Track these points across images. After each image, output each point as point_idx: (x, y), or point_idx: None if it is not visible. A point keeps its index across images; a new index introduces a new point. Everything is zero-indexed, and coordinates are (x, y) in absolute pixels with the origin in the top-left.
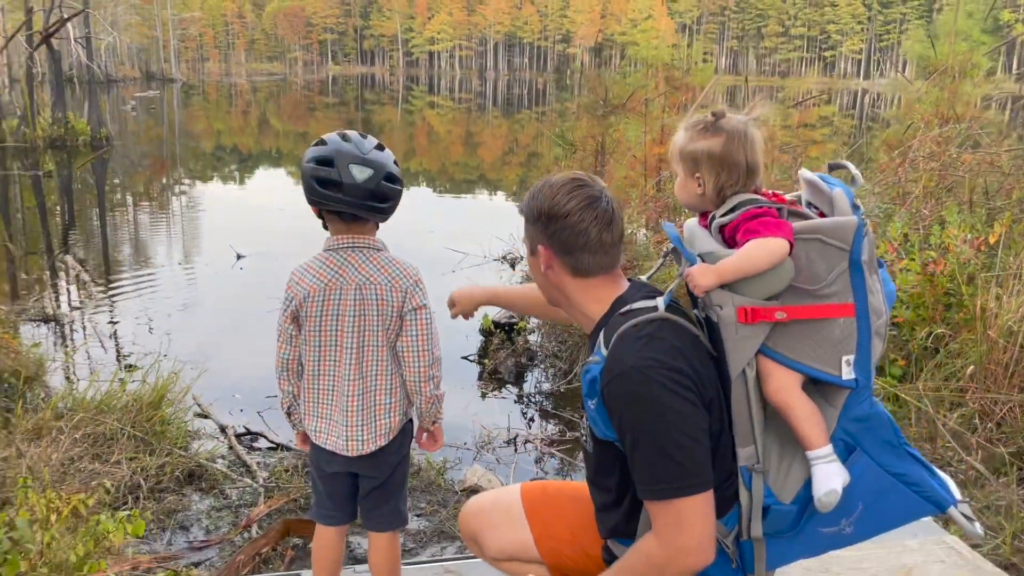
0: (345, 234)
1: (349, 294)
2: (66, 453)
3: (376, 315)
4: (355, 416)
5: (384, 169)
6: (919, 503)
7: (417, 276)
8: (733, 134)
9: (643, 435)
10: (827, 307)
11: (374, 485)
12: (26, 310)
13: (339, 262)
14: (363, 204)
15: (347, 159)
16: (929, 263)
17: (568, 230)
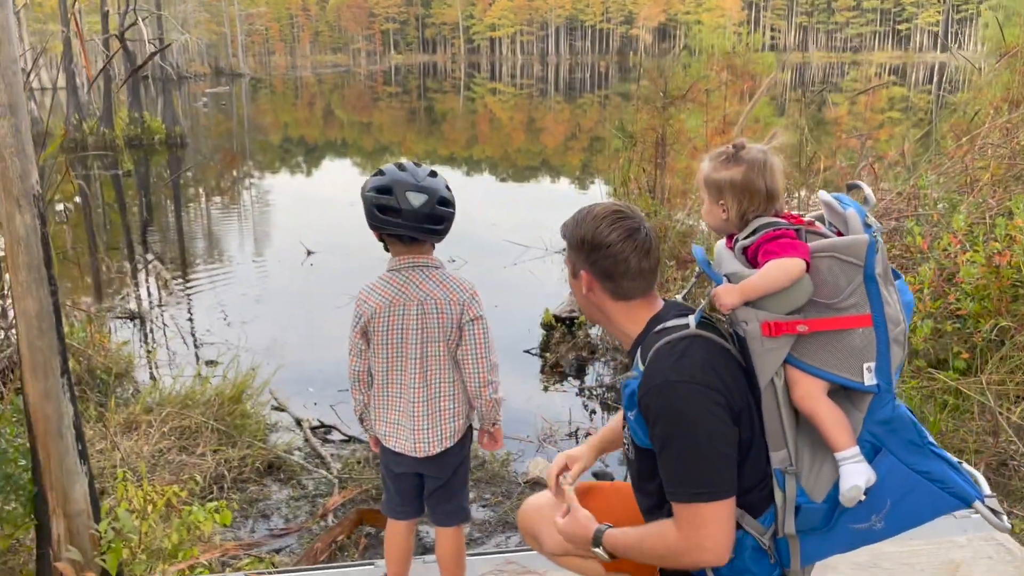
0: (405, 255)
1: (412, 309)
2: (156, 445)
3: (437, 327)
4: (421, 420)
5: (437, 194)
6: (945, 498)
7: (473, 290)
8: (753, 163)
9: (672, 443)
10: (846, 319)
11: (438, 484)
12: (112, 308)
13: (402, 281)
14: (420, 227)
15: (404, 187)
16: (995, 255)
17: (610, 259)
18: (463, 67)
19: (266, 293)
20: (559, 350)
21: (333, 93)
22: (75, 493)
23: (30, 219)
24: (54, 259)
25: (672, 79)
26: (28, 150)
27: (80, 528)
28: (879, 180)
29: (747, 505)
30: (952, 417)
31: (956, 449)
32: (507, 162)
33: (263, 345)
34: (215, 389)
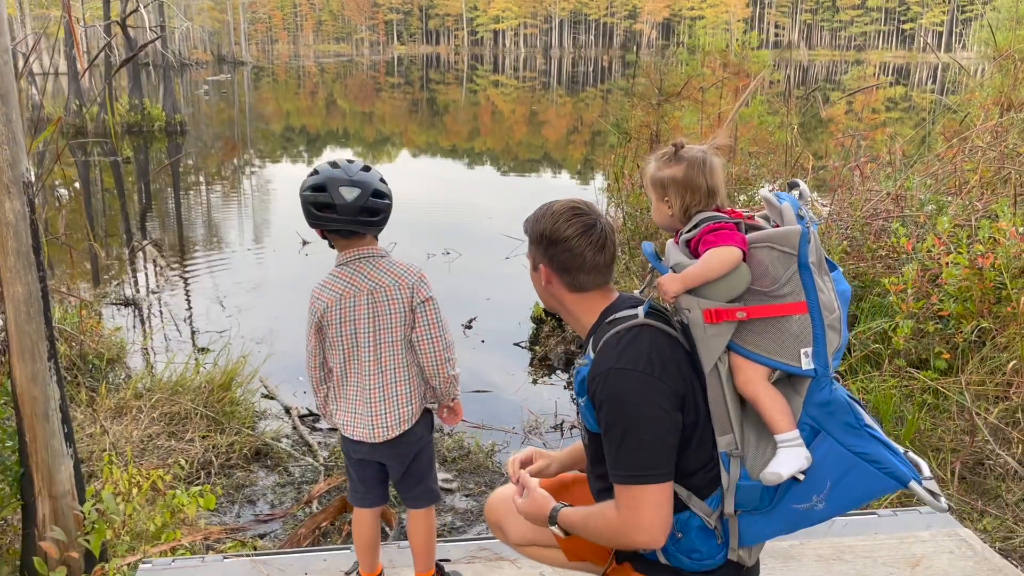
0: (349, 248)
1: (362, 299)
2: (145, 431)
3: (388, 314)
4: (378, 406)
5: (370, 187)
6: (882, 479)
7: (420, 273)
8: (693, 161)
9: (615, 427)
10: (782, 306)
11: (401, 471)
12: (107, 294)
13: (350, 273)
14: (355, 220)
15: (337, 183)
16: (978, 257)
17: (567, 253)
18: (466, 59)
19: (261, 282)
20: (548, 344)
21: (335, 83)
22: (60, 475)
23: (19, 206)
24: (43, 245)
25: (668, 76)
26: (19, 138)
27: (65, 509)
28: (866, 180)
29: (694, 487)
30: (931, 416)
31: (933, 448)
32: (508, 155)
33: (256, 333)
34: (206, 376)
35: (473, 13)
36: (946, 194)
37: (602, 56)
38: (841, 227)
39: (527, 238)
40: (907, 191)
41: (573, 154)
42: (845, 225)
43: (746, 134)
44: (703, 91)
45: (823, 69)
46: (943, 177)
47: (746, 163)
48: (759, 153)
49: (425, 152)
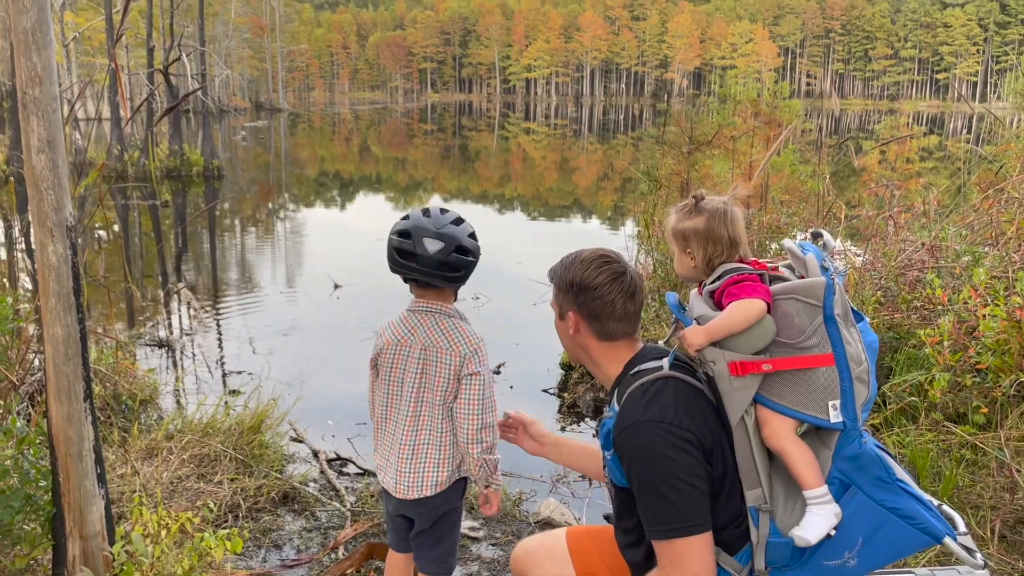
0: (422, 299)
1: (415, 353)
2: (175, 472)
3: (435, 375)
4: (405, 463)
5: (456, 242)
6: (915, 534)
7: (478, 345)
8: (714, 213)
9: (646, 482)
10: (808, 358)
11: (421, 528)
12: (142, 336)
13: (413, 323)
14: (434, 273)
15: (422, 233)
16: (1016, 309)
17: (597, 300)
18: (498, 106)
19: (293, 325)
20: (577, 390)
21: (370, 129)
22: (91, 515)
23: (62, 249)
24: (84, 288)
25: (698, 125)
26: (64, 183)
27: (95, 550)
28: (900, 230)
29: (723, 543)
30: (969, 472)
31: (972, 505)
32: (539, 201)
33: (286, 376)
34: (236, 418)
35: (505, 62)
36: (982, 245)
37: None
38: (875, 277)
39: (553, 286)
40: (942, 242)
41: (603, 201)
42: (879, 275)
43: (777, 183)
44: (734, 140)
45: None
46: (979, 228)
47: (778, 212)
48: (791, 202)
49: (456, 197)
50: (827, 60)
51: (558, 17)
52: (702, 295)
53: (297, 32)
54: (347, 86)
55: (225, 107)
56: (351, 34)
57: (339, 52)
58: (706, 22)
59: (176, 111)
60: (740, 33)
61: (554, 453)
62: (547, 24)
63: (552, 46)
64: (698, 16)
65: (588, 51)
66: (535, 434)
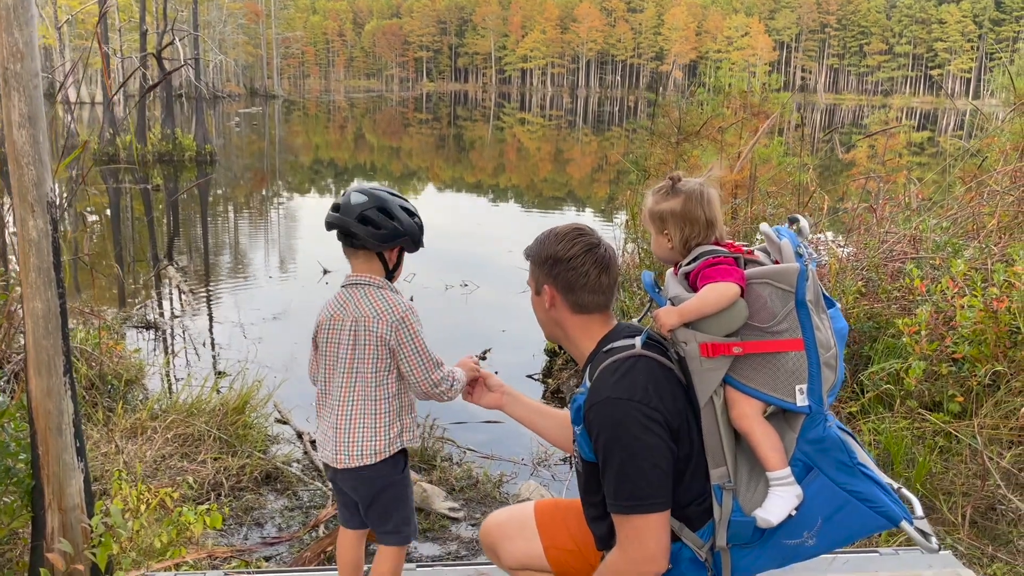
0: (354, 270)
1: (347, 325)
2: (159, 451)
3: (364, 345)
4: (343, 434)
5: (381, 201)
6: (873, 517)
7: (404, 312)
8: (691, 194)
9: (611, 457)
10: (778, 343)
11: (366, 504)
12: (130, 317)
13: (345, 297)
14: (352, 223)
15: (353, 189)
16: (993, 300)
17: (572, 271)
18: (493, 96)
19: (282, 310)
20: (561, 376)
21: (365, 117)
22: (71, 488)
23: (43, 224)
24: (64, 264)
25: (688, 116)
26: (45, 159)
27: (73, 522)
28: (883, 222)
29: (686, 518)
30: (943, 459)
31: (945, 491)
32: (533, 191)
33: (273, 359)
34: (221, 399)
35: (502, 52)
36: (963, 237)
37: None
38: (857, 268)
39: (530, 263)
40: (922, 233)
41: (597, 192)
42: (861, 265)
43: (765, 174)
44: (722, 131)
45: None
46: (961, 220)
47: (764, 203)
48: (777, 193)
49: (451, 187)
50: (822, 55)
51: (555, 8)
52: (677, 276)
53: (292, 19)
54: (342, 74)
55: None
56: (347, 22)
57: (335, 40)
58: (702, 15)
59: (168, 95)
60: (736, 27)
61: (511, 406)
62: (544, 15)
63: (548, 37)
64: (694, 9)
65: (584, 42)
66: (492, 385)
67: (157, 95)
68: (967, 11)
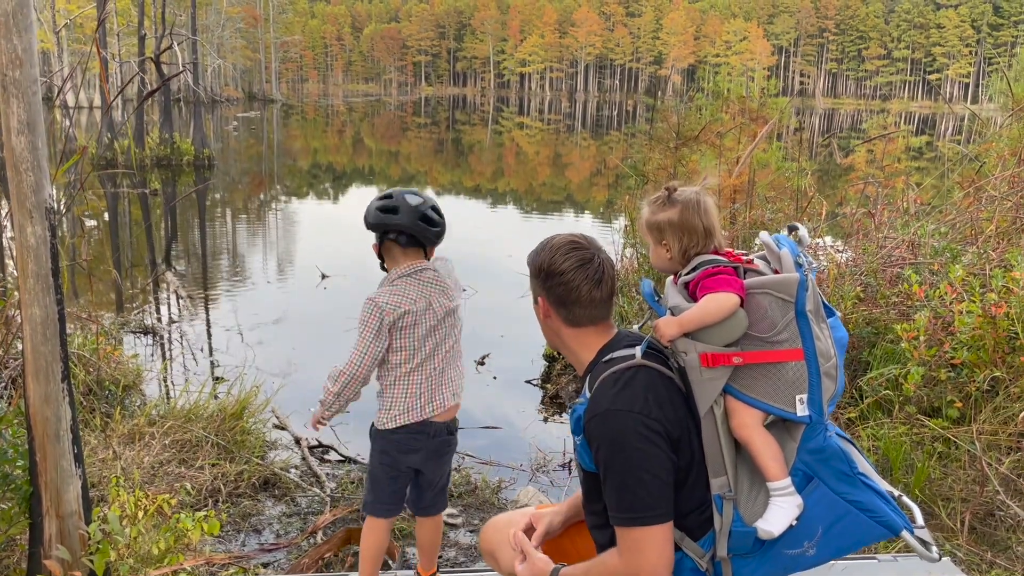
0: (408, 261)
1: (444, 301)
2: (156, 457)
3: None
4: (459, 380)
5: (431, 202)
6: (873, 527)
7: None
8: (688, 203)
9: (612, 470)
10: (778, 352)
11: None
12: (128, 322)
13: (428, 279)
14: (416, 223)
15: (403, 192)
16: (991, 306)
17: (563, 287)
18: (492, 101)
19: (280, 315)
20: (559, 382)
21: (363, 121)
22: (68, 495)
23: (41, 230)
24: (62, 270)
25: (686, 121)
26: (43, 165)
27: (71, 529)
28: (881, 227)
29: (687, 528)
30: (941, 465)
31: (944, 497)
32: (531, 196)
33: (271, 364)
34: (219, 405)
35: (500, 56)
36: (962, 243)
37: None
38: (856, 273)
39: (529, 272)
40: (921, 239)
41: (596, 196)
42: (860, 271)
43: (763, 179)
44: (721, 136)
45: (848, 118)
46: (960, 226)
47: (763, 208)
48: (776, 198)
49: (449, 191)
50: (821, 59)
51: (553, 12)
52: (677, 285)
53: (291, 23)
54: (341, 78)
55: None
56: (345, 26)
57: (333, 44)
58: (700, 19)
59: (167, 99)
60: (734, 31)
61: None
62: (542, 19)
63: (547, 41)
64: (693, 13)
65: (583, 47)
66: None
67: (155, 99)
68: (965, 16)
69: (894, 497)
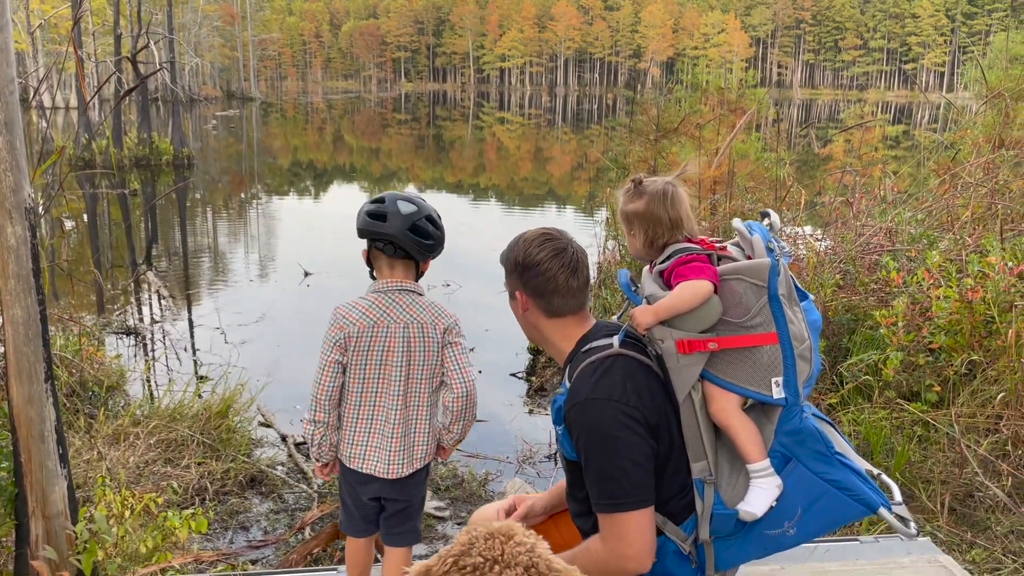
0: (390, 277)
1: (397, 332)
2: (141, 457)
3: (422, 351)
4: (398, 442)
5: (426, 210)
6: (851, 505)
7: (456, 317)
8: (655, 195)
9: (593, 458)
10: (753, 337)
11: (400, 508)
12: (110, 323)
13: (387, 303)
14: (405, 235)
15: (396, 197)
16: (967, 291)
17: (539, 277)
18: (472, 96)
19: (262, 312)
20: (544, 374)
21: (343, 118)
22: (54, 495)
23: (21, 231)
24: (43, 270)
25: (666, 113)
26: (22, 165)
27: (58, 529)
28: (859, 215)
29: (669, 513)
30: (921, 448)
31: (924, 479)
32: (513, 190)
33: (256, 363)
34: (203, 404)
35: (480, 52)
36: (939, 229)
37: (606, 94)
38: (835, 261)
39: (504, 268)
40: (898, 226)
41: (578, 190)
42: (839, 259)
43: (743, 170)
44: (700, 127)
45: (826, 108)
46: (936, 212)
47: (743, 198)
48: (755, 189)
49: (431, 187)
50: (798, 50)
51: (532, 6)
52: (652, 274)
53: (269, 20)
54: (320, 75)
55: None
56: (324, 23)
57: (312, 41)
58: (679, 12)
59: (144, 98)
60: (712, 23)
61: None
62: (521, 13)
63: (526, 36)
64: (671, 6)
65: (562, 41)
66: (531, 515)
67: (133, 99)
68: (939, 5)
69: (873, 476)
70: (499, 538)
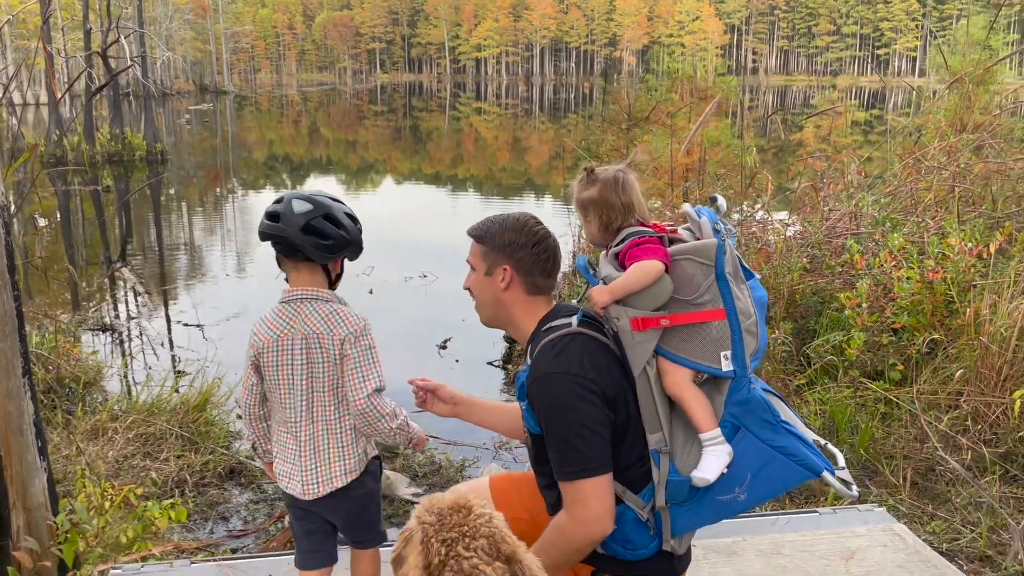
0: (295, 285)
1: (297, 345)
2: (120, 451)
3: (320, 363)
4: (309, 460)
5: (326, 208)
6: (797, 469)
7: (358, 325)
8: (606, 182)
9: (554, 428)
10: (702, 313)
11: (349, 523)
12: (86, 320)
13: (289, 314)
14: (297, 235)
15: (293, 196)
16: (928, 271)
17: (532, 256)
18: (449, 87)
19: (239, 307)
20: (520, 363)
21: (318, 111)
22: (34, 488)
23: None
24: (18, 266)
25: (638, 102)
26: None
27: (38, 521)
28: (826, 199)
29: (627, 482)
30: (884, 425)
31: (887, 455)
32: (492, 181)
33: (232, 357)
34: (181, 397)
35: (455, 42)
36: (903, 212)
37: (583, 83)
38: (803, 245)
39: (481, 245)
40: (862, 210)
41: (555, 179)
42: (807, 243)
43: (714, 157)
44: (671, 115)
45: (800, 94)
46: (900, 196)
47: (713, 185)
48: (726, 175)
49: (408, 179)
50: (772, 37)
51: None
52: (608, 257)
53: (241, 12)
54: (294, 67)
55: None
56: (297, 14)
57: (285, 33)
58: (653, 0)
59: (116, 94)
60: (687, 11)
61: (466, 413)
62: (496, 3)
63: (501, 25)
64: None
65: (537, 30)
66: (445, 396)
67: (104, 94)
68: None
69: (820, 445)
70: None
